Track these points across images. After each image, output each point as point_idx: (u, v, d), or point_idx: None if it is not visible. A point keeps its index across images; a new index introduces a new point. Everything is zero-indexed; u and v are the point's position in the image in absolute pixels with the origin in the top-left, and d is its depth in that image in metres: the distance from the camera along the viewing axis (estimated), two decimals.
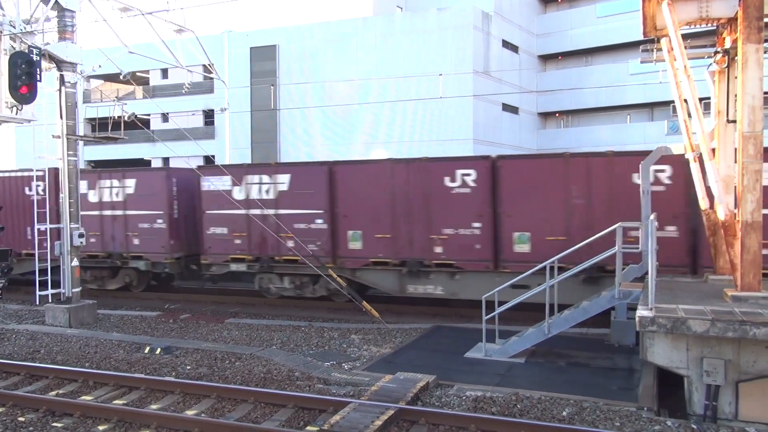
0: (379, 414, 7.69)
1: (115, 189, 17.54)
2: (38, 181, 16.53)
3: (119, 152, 37.25)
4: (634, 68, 33.98)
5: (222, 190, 15.67)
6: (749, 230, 8.58)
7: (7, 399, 8.82)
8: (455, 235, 13.95)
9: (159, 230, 16.83)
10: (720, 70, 10.60)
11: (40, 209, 15.86)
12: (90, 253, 17.39)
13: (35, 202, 15.98)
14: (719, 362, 7.76)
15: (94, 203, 17.63)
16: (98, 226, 17.55)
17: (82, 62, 14.91)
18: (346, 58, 33.14)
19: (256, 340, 12.71)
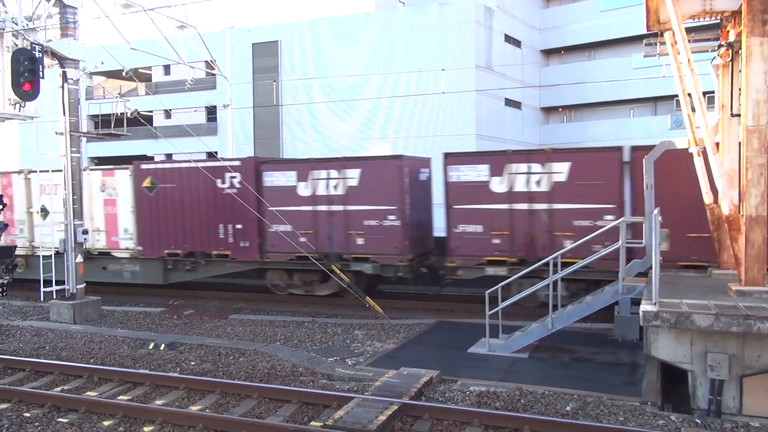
0: (383, 409, 7.71)
1: (333, 181, 14.95)
2: (234, 172, 15.54)
3: (122, 149, 37.25)
4: (637, 62, 33.83)
5: (475, 181, 13.82)
6: (753, 224, 8.55)
7: (12, 395, 8.86)
8: None
9: (391, 228, 14.42)
10: (724, 64, 10.56)
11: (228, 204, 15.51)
12: (299, 255, 14.85)
13: (228, 196, 15.42)
14: (723, 357, 7.75)
15: (305, 197, 15.23)
16: (311, 224, 15.09)
17: (85, 59, 14.93)
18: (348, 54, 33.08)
19: (259, 336, 12.74)
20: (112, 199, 17.28)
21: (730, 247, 9.65)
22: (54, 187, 16.24)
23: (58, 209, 15.82)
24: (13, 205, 18.29)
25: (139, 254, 16.89)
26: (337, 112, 33.07)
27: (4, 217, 17.31)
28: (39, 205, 17.93)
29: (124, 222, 17.10)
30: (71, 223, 14.70)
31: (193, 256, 16.40)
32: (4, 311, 15.85)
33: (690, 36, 10.21)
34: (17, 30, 13.46)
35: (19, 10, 13.66)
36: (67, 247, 14.79)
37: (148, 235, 16.77)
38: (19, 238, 18.15)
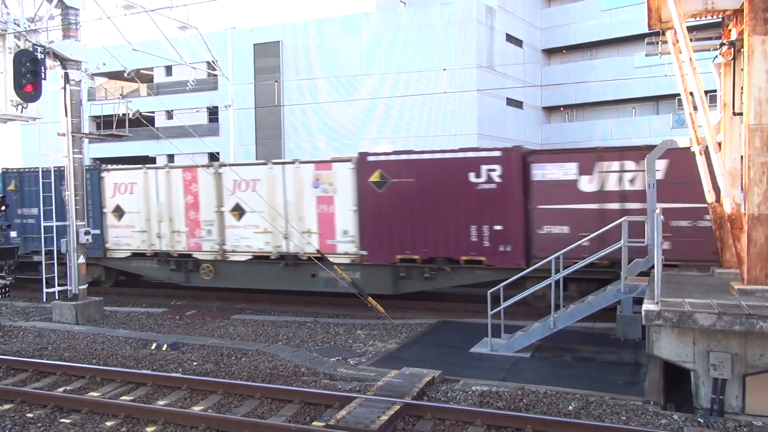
0: (385, 409, 7.70)
1: (628, 174, 12.87)
2: (493, 164, 13.49)
3: (123, 150, 37.32)
4: (639, 61, 33.80)
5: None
6: (756, 223, 8.53)
7: (15, 395, 8.87)
8: None
9: (707, 230, 11.85)
10: (726, 63, 10.54)
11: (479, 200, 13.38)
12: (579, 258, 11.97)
13: (484, 192, 13.44)
14: (726, 356, 7.73)
15: (589, 193, 13.10)
16: (596, 223, 12.55)
17: (87, 60, 14.94)
18: (349, 54, 33.08)
19: (261, 336, 12.75)
20: (328, 197, 14.92)
21: (732, 246, 9.63)
22: (251, 183, 15.16)
23: (257, 208, 14.88)
24: (199, 202, 16.12)
25: (362, 260, 14.63)
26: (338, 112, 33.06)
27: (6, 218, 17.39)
28: (232, 204, 15.74)
29: (342, 222, 14.77)
30: (73, 223, 14.72)
31: (433, 263, 14.18)
32: (7, 312, 15.87)
33: (692, 35, 10.19)
34: (19, 31, 13.49)
35: (21, 12, 13.69)
36: (69, 248, 14.81)
37: (374, 238, 14.50)
38: (206, 241, 16.06)
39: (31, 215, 17.69)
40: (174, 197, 16.43)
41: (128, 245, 17.05)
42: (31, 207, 17.76)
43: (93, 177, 17.16)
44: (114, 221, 17.14)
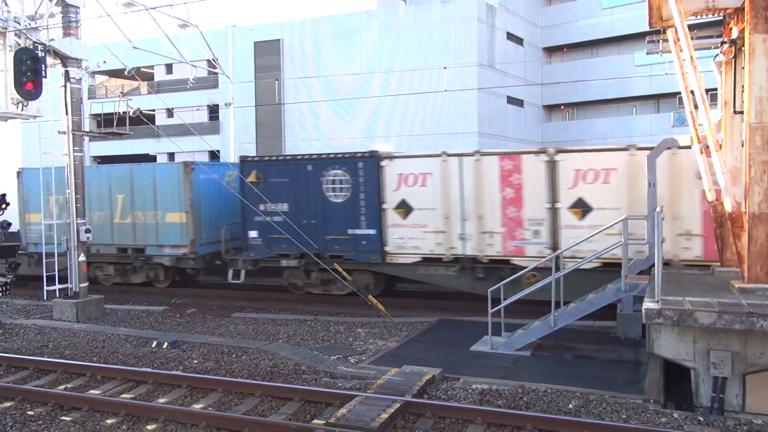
0: (386, 407, 7.71)
1: None
2: None
3: (124, 148, 37.31)
4: (639, 60, 33.75)
5: None
6: (756, 222, 8.53)
7: (16, 393, 8.89)
8: None
9: None
10: (727, 61, 10.53)
11: None
12: None
13: None
14: (726, 354, 7.73)
15: None
16: None
17: (87, 58, 14.95)
18: (350, 52, 33.06)
19: (262, 334, 12.76)
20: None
21: (732, 245, 9.62)
22: (601, 173, 12.59)
23: (608, 204, 12.32)
24: (522, 196, 13.43)
25: None
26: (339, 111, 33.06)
27: None
28: (573, 198, 13.06)
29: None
30: (74, 222, 14.73)
31: None
32: (8, 310, 15.89)
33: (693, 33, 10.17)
34: (20, 29, 13.49)
35: (21, 10, 13.69)
36: (69, 246, 14.82)
37: None
38: (530, 245, 13.39)
39: (278, 212, 15.33)
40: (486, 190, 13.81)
41: (417, 248, 14.29)
42: (279, 202, 15.42)
43: (369, 167, 14.67)
44: (397, 219, 14.44)
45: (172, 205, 16.75)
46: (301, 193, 15.16)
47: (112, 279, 18.09)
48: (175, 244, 16.84)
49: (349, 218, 14.80)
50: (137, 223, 17.18)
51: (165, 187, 16.86)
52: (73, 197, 14.77)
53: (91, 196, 16.94)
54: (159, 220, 16.91)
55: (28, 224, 18.37)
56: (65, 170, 14.90)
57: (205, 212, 16.99)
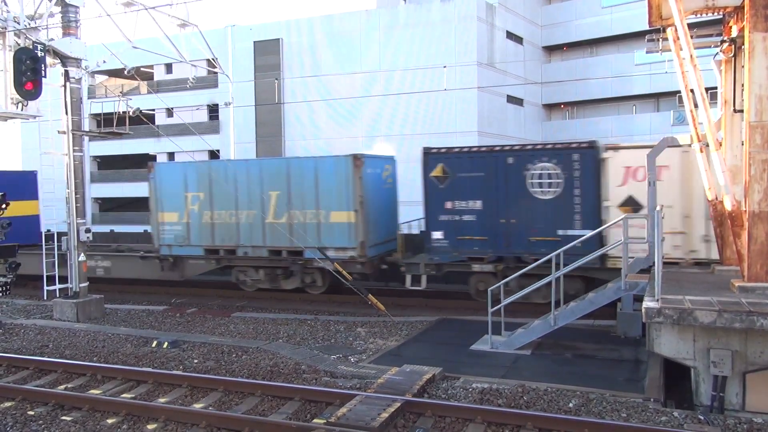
0: (386, 406, 7.71)
1: None
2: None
3: (124, 148, 37.28)
4: (639, 58, 33.70)
5: None
6: (756, 220, 8.53)
7: (16, 393, 8.89)
8: None
9: None
10: (726, 60, 10.53)
11: None
12: None
13: None
14: (726, 353, 7.73)
15: None
16: None
17: (87, 58, 14.94)
18: (349, 51, 33.05)
19: (262, 334, 12.76)
20: None
21: (732, 244, 9.62)
22: None
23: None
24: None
25: None
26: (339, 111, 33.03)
27: None
28: None
29: None
30: (74, 221, 14.73)
31: None
32: (8, 310, 15.89)
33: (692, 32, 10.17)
34: (19, 29, 13.48)
35: (21, 9, 13.68)
36: (69, 246, 14.82)
37: None
38: None
39: (469, 210, 13.99)
40: None
41: (646, 251, 11.69)
42: (470, 199, 13.98)
43: (586, 159, 13.21)
44: None
45: (339, 203, 14.94)
46: (498, 188, 13.69)
47: (259, 284, 16.44)
48: (341, 247, 14.98)
49: (560, 217, 13.32)
50: (294, 222, 15.30)
51: (330, 182, 15.03)
52: (73, 197, 14.76)
53: (238, 193, 15.63)
54: (321, 219, 15.11)
55: (161, 224, 16.60)
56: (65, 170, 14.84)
57: (372, 210, 15.27)
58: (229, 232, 15.98)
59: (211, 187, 16.05)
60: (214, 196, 16.05)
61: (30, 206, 19.20)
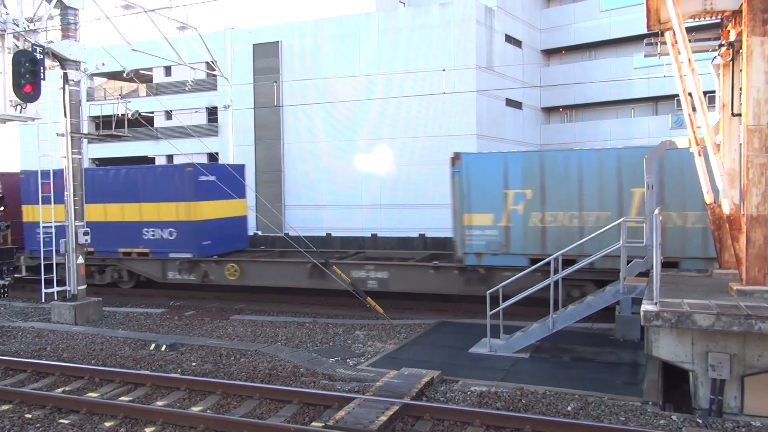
0: (384, 409, 7.71)
1: None
2: None
3: (123, 150, 37.27)
4: (638, 62, 33.81)
5: None
6: (754, 224, 8.54)
7: (14, 396, 8.86)
8: None
9: None
10: (725, 63, 10.55)
11: None
12: None
13: None
14: (724, 356, 7.74)
15: None
16: None
17: (86, 60, 14.95)
18: (348, 54, 33.08)
19: (260, 337, 12.75)
20: None
21: (731, 247, 9.63)
22: None
23: None
24: None
25: None
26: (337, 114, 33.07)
27: None
28: None
29: None
30: (72, 224, 14.71)
31: None
32: (6, 312, 15.86)
33: (691, 35, 10.20)
34: (18, 32, 13.48)
35: (20, 12, 13.68)
36: (68, 249, 14.80)
37: None
38: None
39: None
40: None
41: None
42: None
43: None
44: None
45: None
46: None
47: None
48: None
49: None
50: (669, 227, 12.29)
51: None
52: (71, 199, 14.75)
53: (584, 190, 13.18)
54: None
55: (467, 228, 13.97)
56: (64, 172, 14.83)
57: None
58: (569, 238, 12.80)
59: (543, 181, 13.42)
60: (548, 193, 13.40)
61: (237, 206, 18.04)
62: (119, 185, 17.54)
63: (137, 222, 17.23)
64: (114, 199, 17.42)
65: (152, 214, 17.04)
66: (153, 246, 17.07)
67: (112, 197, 17.44)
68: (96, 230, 15.89)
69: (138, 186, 17.30)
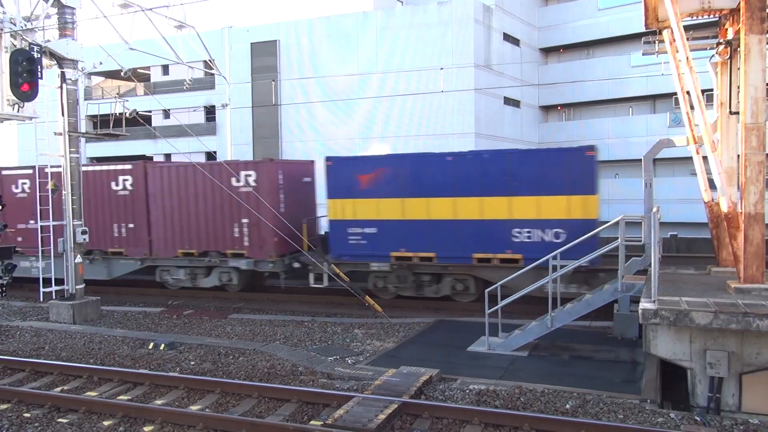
0: (383, 408, 7.71)
1: None
2: None
3: (120, 149, 37.21)
4: (636, 60, 33.81)
5: None
6: (752, 222, 8.56)
7: (12, 395, 8.86)
8: None
9: None
10: (722, 62, 10.57)
11: None
12: None
13: None
14: (722, 354, 7.76)
15: None
16: None
17: (83, 59, 14.92)
18: (346, 53, 33.07)
19: (259, 336, 12.74)
20: None
21: (728, 245, 9.65)
22: None
23: None
24: None
25: None
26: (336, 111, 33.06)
27: None
28: None
29: None
30: (70, 223, 14.69)
31: None
32: (4, 312, 15.84)
33: (688, 34, 10.22)
34: (15, 30, 13.44)
35: (17, 11, 13.64)
36: (66, 248, 14.78)
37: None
38: None
39: None
40: None
41: None
42: None
43: None
44: None
45: None
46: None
47: None
48: None
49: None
50: None
51: None
52: (69, 198, 14.73)
53: None
54: None
55: None
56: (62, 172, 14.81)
57: None
58: None
59: None
60: None
61: (587, 205, 13.23)
62: (482, 175, 13.95)
63: (504, 221, 13.73)
64: (468, 192, 13.99)
65: (528, 210, 13.53)
66: (527, 251, 13.45)
67: (465, 190, 14.00)
68: (440, 231, 13.82)
69: (508, 175, 13.73)
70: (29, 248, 17.31)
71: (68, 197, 14.72)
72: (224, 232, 16.17)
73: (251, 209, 15.27)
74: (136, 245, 17.20)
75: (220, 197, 16.01)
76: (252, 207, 15.29)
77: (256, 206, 15.28)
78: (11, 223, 17.00)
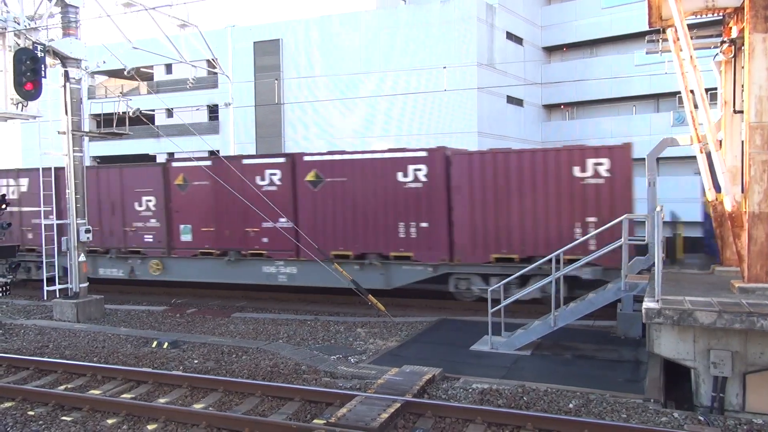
0: (386, 407, 7.71)
1: None
2: None
3: (123, 148, 37.28)
4: (639, 59, 33.68)
5: None
6: (756, 221, 8.54)
7: (16, 393, 8.88)
8: None
9: None
10: (726, 60, 10.54)
11: None
12: None
13: None
14: (726, 354, 7.74)
15: None
16: None
17: (87, 58, 14.95)
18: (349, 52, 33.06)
19: (262, 334, 12.76)
20: None
21: (732, 244, 9.63)
22: None
23: None
24: None
25: None
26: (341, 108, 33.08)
27: None
28: None
29: None
30: (73, 221, 14.73)
31: None
32: (8, 310, 15.89)
33: (692, 32, 10.19)
34: (19, 30, 13.48)
35: (21, 10, 13.68)
36: (69, 246, 14.82)
37: None
38: None
39: None
40: None
41: None
42: None
43: None
44: None
45: None
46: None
47: None
48: None
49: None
50: None
51: None
52: (73, 197, 14.76)
53: None
54: None
55: None
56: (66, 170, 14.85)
57: None
58: None
59: None
60: None
61: None
62: None
63: None
64: None
65: None
66: None
67: None
68: None
69: None
70: (277, 251, 15.39)
71: (72, 196, 14.75)
72: (561, 233, 13.15)
73: (601, 206, 12.62)
74: (429, 248, 14.33)
75: (555, 191, 13.25)
76: (603, 203, 12.68)
77: (610, 202, 12.68)
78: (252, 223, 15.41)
